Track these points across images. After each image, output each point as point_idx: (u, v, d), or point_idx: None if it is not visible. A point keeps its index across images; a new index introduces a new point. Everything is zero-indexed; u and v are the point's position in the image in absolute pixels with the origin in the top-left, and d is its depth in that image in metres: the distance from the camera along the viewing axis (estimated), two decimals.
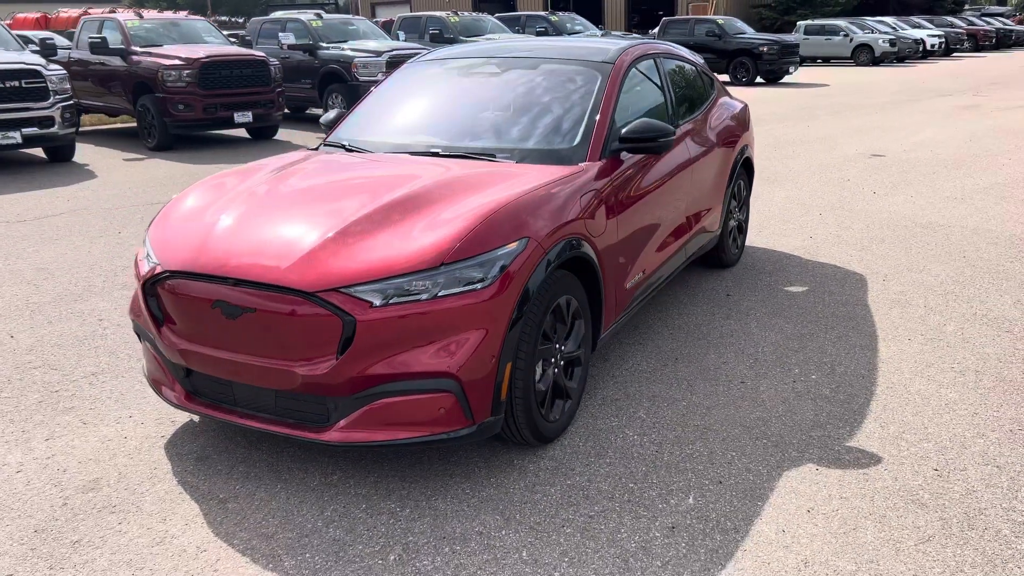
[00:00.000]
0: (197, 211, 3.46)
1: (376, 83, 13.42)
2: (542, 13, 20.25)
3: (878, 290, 5.24)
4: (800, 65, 24.04)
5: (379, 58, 13.73)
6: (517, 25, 19.02)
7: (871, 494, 2.98)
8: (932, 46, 33.75)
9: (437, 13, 17.76)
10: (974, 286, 5.27)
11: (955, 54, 36.43)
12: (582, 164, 3.68)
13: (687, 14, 40.86)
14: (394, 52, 13.89)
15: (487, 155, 3.82)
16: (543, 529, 2.83)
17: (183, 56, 11.70)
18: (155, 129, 11.83)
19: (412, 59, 4.88)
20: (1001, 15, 50.52)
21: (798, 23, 32.88)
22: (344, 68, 13.72)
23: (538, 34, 18.54)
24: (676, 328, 4.68)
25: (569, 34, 18.74)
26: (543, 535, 2.79)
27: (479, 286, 2.89)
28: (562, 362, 3.38)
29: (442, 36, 16.34)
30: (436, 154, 3.89)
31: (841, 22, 31.74)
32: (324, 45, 14.33)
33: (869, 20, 33.54)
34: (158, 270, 3.17)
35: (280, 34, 14.40)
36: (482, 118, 4.12)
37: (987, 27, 40.44)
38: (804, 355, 4.25)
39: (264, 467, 3.28)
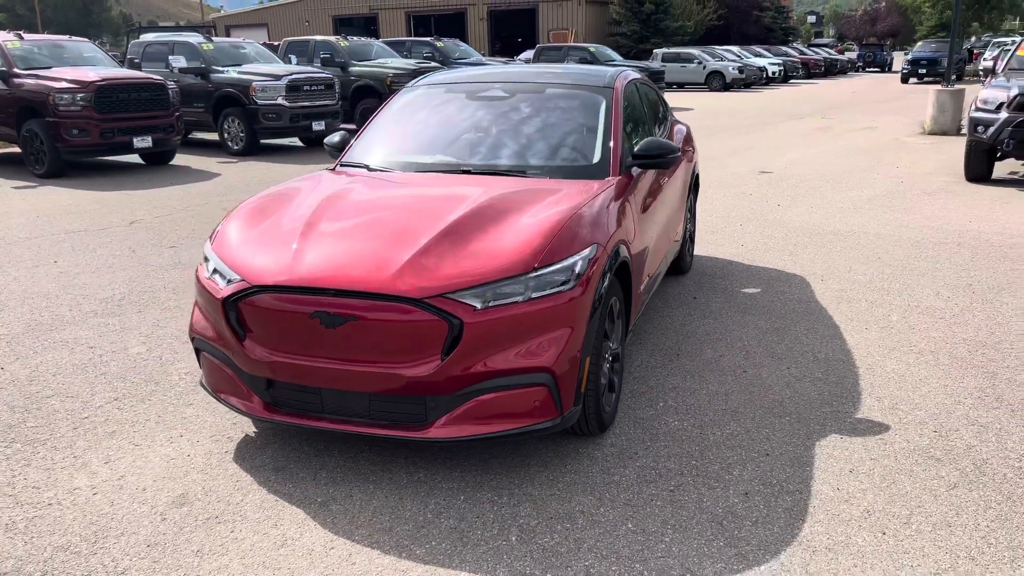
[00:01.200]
0: (268, 229, 3.56)
1: (275, 106, 13.59)
2: (428, 39, 20.60)
3: (821, 289, 5.89)
4: (664, 90, 25.52)
5: (278, 82, 13.66)
6: (404, 49, 19.25)
7: (893, 454, 3.49)
8: (773, 73, 36.65)
9: (327, 38, 17.73)
10: (898, 282, 6.02)
11: (791, 80, 39.65)
12: (608, 179, 4.04)
13: (548, 41, 42.42)
14: (293, 76, 13.85)
15: (518, 172, 4.12)
16: (636, 504, 3.14)
17: (75, 79, 11.22)
18: (44, 155, 11.26)
19: (411, 83, 5.09)
20: (826, 46, 55.42)
21: (655, 51, 34.86)
22: (241, 91, 13.54)
23: (425, 58, 18.85)
24: (665, 328, 5.11)
25: (456, 59, 19.16)
26: (638, 509, 3.10)
27: (563, 288, 3.18)
28: (610, 358, 3.72)
29: (333, 60, 16.37)
30: (468, 172, 4.15)
31: (695, 51, 33.93)
32: (218, 68, 14.07)
33: (718, 49, 36.04)
34: (244, 286, 3.26)
35: (170, 57, 14.01)
36: (501, 138, 4.41)
37: (816, 56, 44.30)
38: (786, 345, 4.77)
39: (346, 471, 3.41)
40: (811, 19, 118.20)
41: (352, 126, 13.81)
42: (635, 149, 4.25)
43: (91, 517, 3.10)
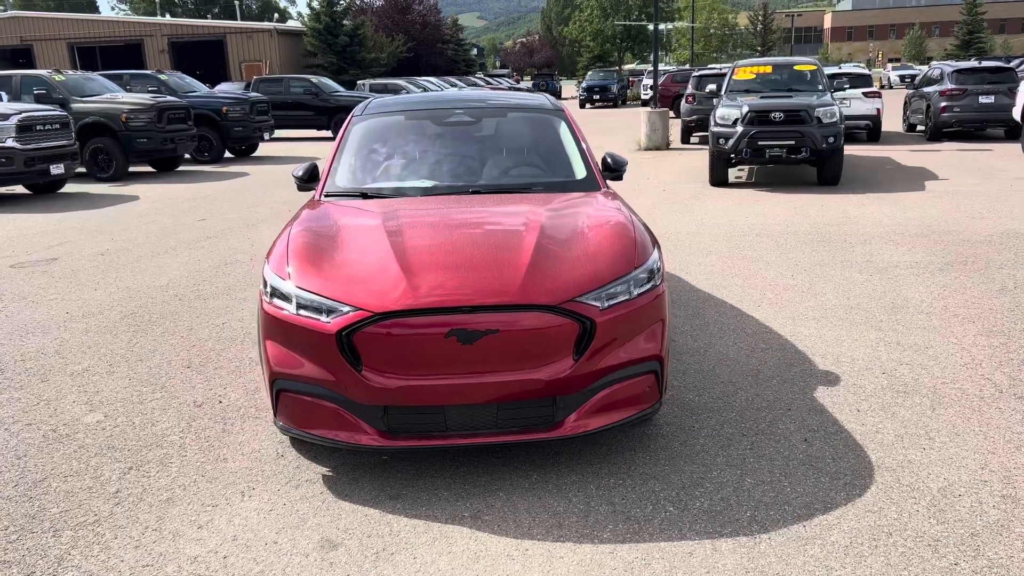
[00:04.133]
0: (348, 261, 3.50)
1: (5, 149, 11.93)
2: (150, 72, 19.05)
3: (692, 282, 6.81)
4: None
5: (6, 121, 12.06)
6: (121, 83, 17.70)
7: (872, 391, 4.34)
8: None
9: (36, 72, 15.80)
10: (745, 269, 7.14)
11: None
12: (602, 191, 4.49)
13: (241, 73, 41.03)
14: (24, 114, 12.33)
15: (523, 189, 4.42)
16: (738, 464, 3.61)
17: None
18: None
19: (358, 112, 5.09)
20: (504, 76, 59.85)
21: (359, 82, 35.27)
22: None
23: (151, 91, 17.54)
24: None
25: (186, 92, 18.07)
26: (742, 468, 3.58)
27: (649, 286, 3.59)
28: None
29: (50, 97, 14.73)
30: (478, 192, 4.36)
31: (401, 81, 34.91)
32: None
33: (419, 79, 37.41)
34: (363, 315, 3.23)
35: None
36: (490, 159, 4.66)
37: (502, 86, 47.76)
38: (715, 327, 5.54)
39: (466, 485, 3.49)
40: (473, 52, 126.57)
41: (318, 158, 12.70)
42: (609, 162, 4.73)
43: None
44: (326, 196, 4.44)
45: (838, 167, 11.66)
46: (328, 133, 23.99)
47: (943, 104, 17.12)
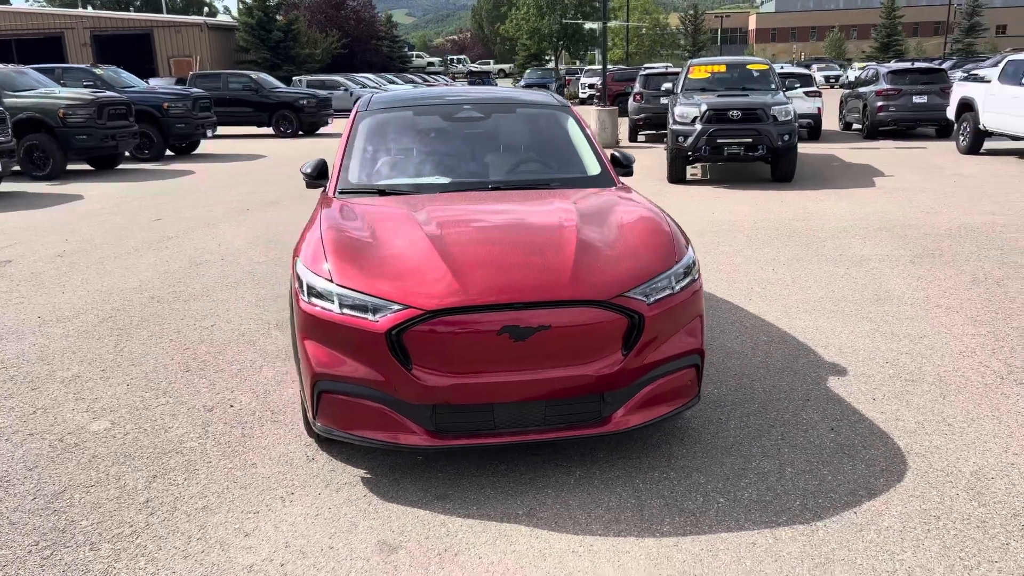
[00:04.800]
0: (388, 260, 3.42)
1: None
2: (85, 66, 18.31)
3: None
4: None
5: None
6: (52, 76, 16.95)
7: (877, 376, 4.47)
8: None
9: None
10: (729, 263, 7.27)
11: None
12: (617, 187, 4.50)
13: (169, 68, 39.85)
14: None
15: (542, 185, 4.40)
16: (773, 455, 3.68)
17: None
18: None
19: (362, 107, 4.98)
20: (442, 74, 59.59)
21: (295, 78, 34.66)
22: None
23: (87, 86, 16.87)
24: None
25: (124, 87, 17.42)
26: (778, 458, 3.66)
27: (688, 280, 3.62)
28: None
29: None
30: (498, 188, 4.33)
31: (339, 77, 34.46)
32: None
33: (358, 76, 36.98)
34: (414, 313, 3.17)
35: None
36: (505, 155, 4.63)
37: (443, 83, 47.57)
38: (714, 319, 5.64)
39: (511, 483, 3.46)
40: (406, 49, 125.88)
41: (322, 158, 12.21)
42: (618, 158, 4.75)
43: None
44: (341, 193, 4.33)
45: (792, 164, 11.98)
46: (269, 130, 23.49)
47: (879, 103, 17.75)
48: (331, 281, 3.35)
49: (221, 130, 21.76)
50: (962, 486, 3.35)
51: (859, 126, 19.34)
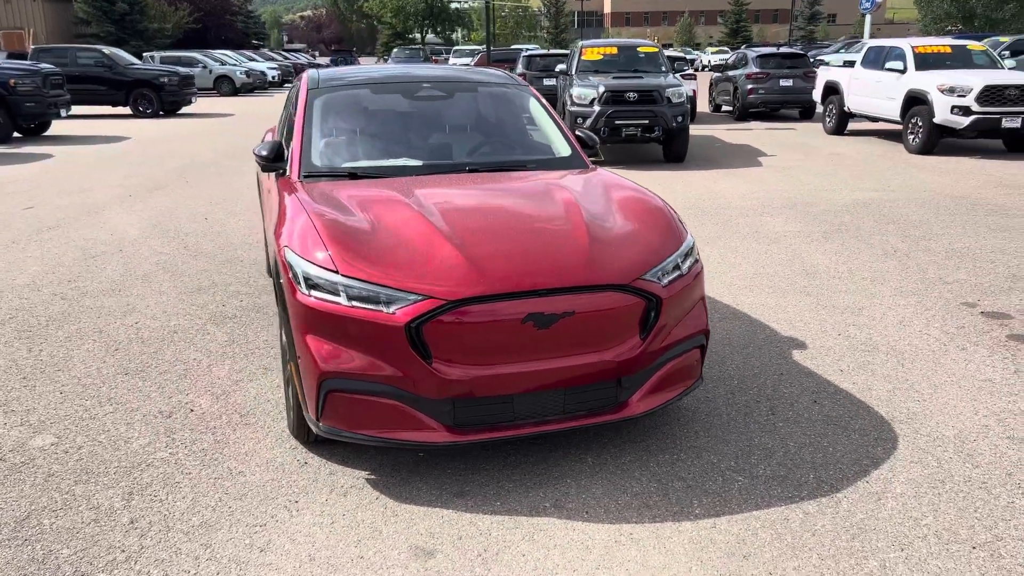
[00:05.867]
0: (393, 249, 3.20)
1: None
2: None
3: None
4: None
5: None
6: None
7: (849, 348, 4.67)
8: (273, 77, 37.13)
9: None
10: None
11: (287, 85, 40.58)
12: (591, 168, 4.45)
13: None
14: None
15: (519, 167, 4.28)
16: (777, 432, 3.77)
17: None
18: None
19: (315, 84, 4.65)
20: (299, 51, 57.55)
21: (146, 54, 32.51)
22: None
23: None
24: None
25: None
26: (780, 435, 3.74)
27: (692, 260, 3.60)
28: None
29: None
30: (475, 170, 4.17)
31: (196, 54, 32.59)
32: None
33: (215, 52, 35.12)
34: (435, 304, 3.00)
35: None
36: (475, 136, 4.46)
37: (302, 61, 45.94)
38: None
39: (526, 475, 3.36)
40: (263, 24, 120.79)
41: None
42: (582, 137, 4.69)
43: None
44: (306, 177, 4.04)
45: (685, 145, 12.34)
46: (126, 110, 21.91)
47: (750, 86, 18.58)
48: (335, 272, 3.11)
49: (73, 110, 20.12)
50: (952, 450, 3.53)
51: (729, 108, 20.18)
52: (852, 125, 16.03)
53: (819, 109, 16.99)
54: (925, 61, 13.37)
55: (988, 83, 11.99)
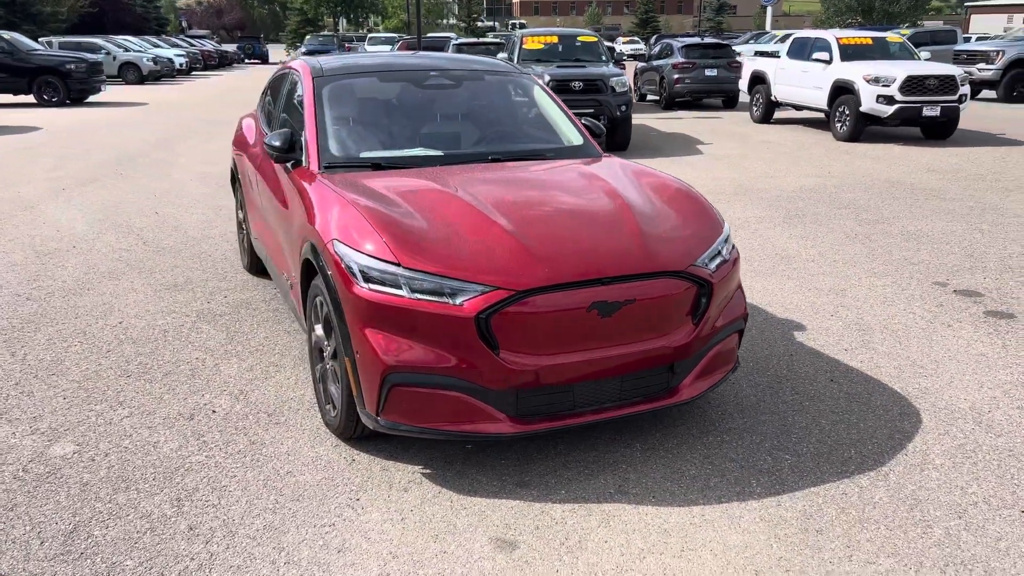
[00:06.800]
0: (455, 234, 3.18)
1: None
2: None
3: None
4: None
5: None
6: None
7: (886, 317, 4.87)
8: (180, 65, 35.73)
9: None
10: None
11: (194, 73, 39.12)
12: (607, 156, 4.48)
13: None
14: None
15: (537, 155, 4.28)
16: (809, 409, 3.90)
17: None
18: None
19: (319, 73, 4.50)
20: (204, 38, 55.49)
21: (42, 39, 30.72)
22: None
23: None
24: None
25: None
26: (807, 409, 3.88)
27: (731, 247, 3.67)
28: None
29: None
30: (497, 159, 4.14)
31: (99, 39, 31.02)
32: None
33: (118, 38, 33.54)
34: (504, 295, 2.98)
35: None
36: (491, 125, 4.43)
37: (210, 49, 44.39)
38: None
39: (581, 462, 3.38)
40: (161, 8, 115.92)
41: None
42: (589, 127, 4.71)
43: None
44: (326, 169, 3.93)
45: (628, 133, 12.53)
46: (30, 98, 20.68)
47: (676, 76, 18.99)
48: (396, 264, 3.05)
49: None
50: (972, 421, 3.74)
51: (655, 97, 20.57)
52: (779, 114, 16.58)
53: (745, 98, 17.49)
54: (849, 52, 13.95)
55: (910, 73, 12.61)
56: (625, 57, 18.28)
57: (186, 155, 12.23)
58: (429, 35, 30.09)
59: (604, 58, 13.29)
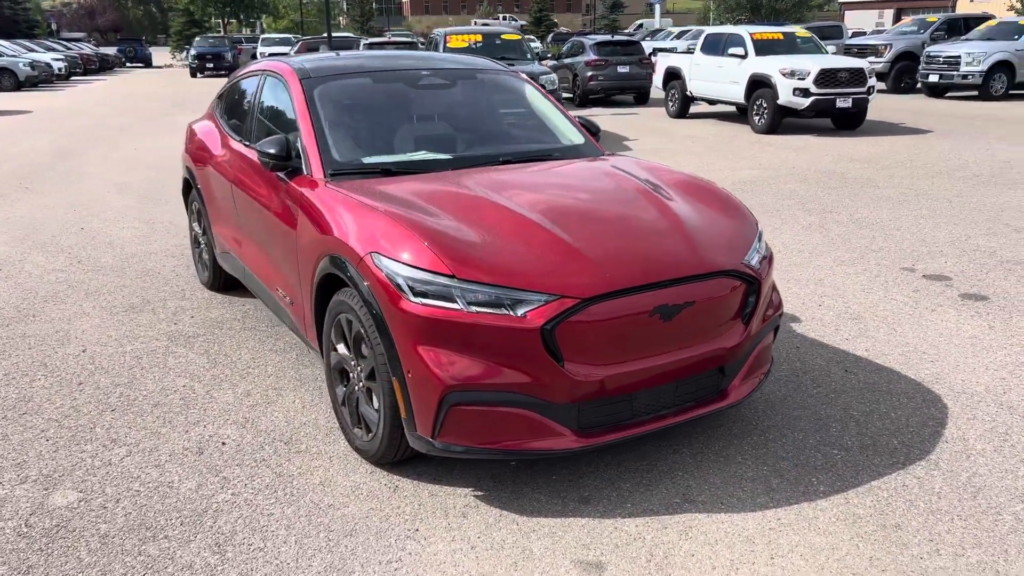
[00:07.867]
0: (504, 241, 3.00)
1: None
2: None
3: None
4: None
5: None
6: None
7: (872, 305, 4.93)
8: (59, 70, 33.70)
9: None
10: None
11: (73, 78, 36.96)
12: (612, 154, 4.38)
13: None
14: None
15: (544, 156, 4.14)
16: (839, 403, 3.91)
17: None
18: None
19: (305, 75, 4.20)
20: (80, 40, 52.52)
21: None
22: None
23: None
24: None
25: None
26: (837, 403, 3.89)
27: (765, 243, 3.64)
28: None
29: None
30: (508, 161, 3.97)
31: None
32: None
33: None
34: (570, 303, 2.84)
35: None
36: (494, 126, 4.26)
37: (91, 53, 42.10)
38: None
39: (633, 472, 3.27)
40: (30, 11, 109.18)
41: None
42: (585, 124, 4.60)
43: None
44: (332, 176, 3.67)
45: None
46: None
47: (589, 73, 19.14)
48: (450, 276, 2.85)
49: None
50: (993, 404, 3.82)
51: (568, 95, 20.68)
52: (693, 108, 16.93)
53: (657, 94, 17.79)
54: (762, 47, 14.36)
55: (823, 67, 13.09)
56: (549, 56, 18.24)
57: (95, 165, 11.46)
58: (337, 35, 29.36)
59: (529, 56, 13.25)
